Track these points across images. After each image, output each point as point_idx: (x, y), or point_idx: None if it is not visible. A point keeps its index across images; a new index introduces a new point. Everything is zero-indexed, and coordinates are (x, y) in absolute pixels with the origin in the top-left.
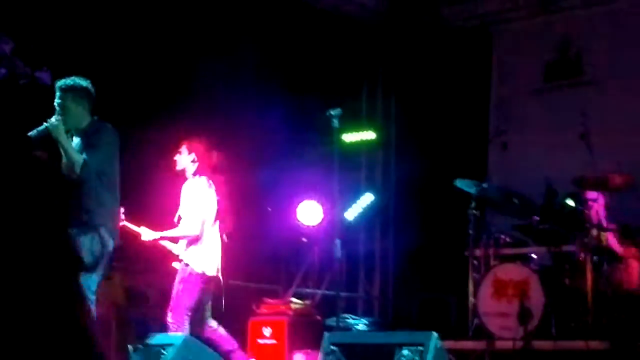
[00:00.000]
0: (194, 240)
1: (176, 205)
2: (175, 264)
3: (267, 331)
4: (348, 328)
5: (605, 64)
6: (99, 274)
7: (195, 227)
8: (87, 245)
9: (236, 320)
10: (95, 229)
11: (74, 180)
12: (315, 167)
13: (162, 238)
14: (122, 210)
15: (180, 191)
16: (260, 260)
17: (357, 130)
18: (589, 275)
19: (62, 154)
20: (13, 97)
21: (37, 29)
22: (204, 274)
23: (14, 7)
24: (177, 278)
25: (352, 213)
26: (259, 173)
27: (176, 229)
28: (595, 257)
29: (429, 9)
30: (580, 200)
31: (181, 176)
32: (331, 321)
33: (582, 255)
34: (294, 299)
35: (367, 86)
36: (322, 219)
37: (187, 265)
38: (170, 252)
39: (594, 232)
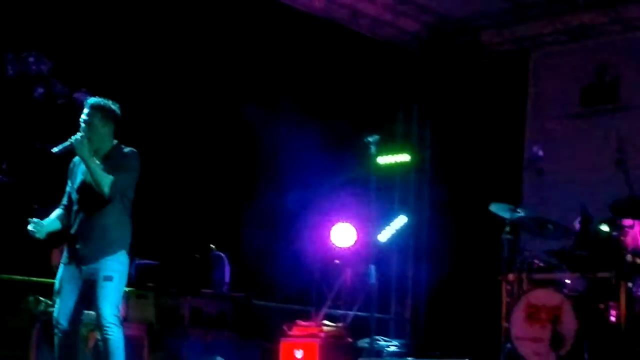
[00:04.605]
0: None
1: None
2: None
3: (299, 353)
4: (380, 350)
5: None
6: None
7: None
8: (112, 266)
9: (268, 341)
10: (117, 250)
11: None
12: (350, 189)
13: None
14: None
15: None
16: (293, 282)
17: (392, 153)
18: (623, 302)
19: (85, 171)
20: (51, 116)
21: (77, 50)
22: None
23: (53, 29)
24: None
25: (385, 235)
26: (294, 195)
27: None
28: (630, 284)
29: (468, 33)
30: (616, 227)
31: None
32: (363, 343)
33: (617, 281)
34: (325, 321)
35: (403, 109)
36: (356, 241)
37: None
38: None
39: (629, 258)
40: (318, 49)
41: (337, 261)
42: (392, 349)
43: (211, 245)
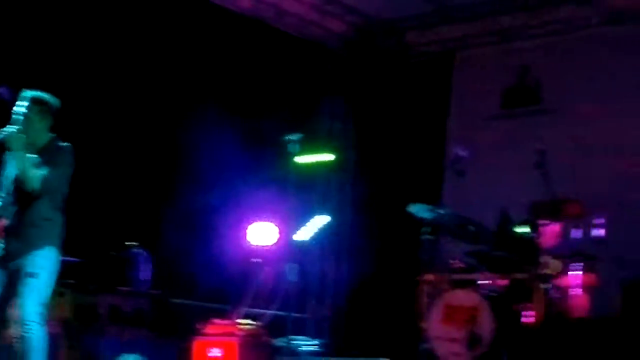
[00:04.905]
0: None
1: None
2: None
3: (215, 351)
4: (298, 350)
5: (562, 93)
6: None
7: None
8: (38, 262)
9: (185, 339)
10: (43, 246)
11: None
12: (272, 188)
13: None
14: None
15: None
16: (212, 280)
17: (315, 152)
18: (539, 303)
19: (17, 166)
20: None
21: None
22: None
23: None
24: None
25: (306, 234)
26: (214, 194)
27: None
28: (546, 285)
29: (393, 34)
30: (535, 228)
31: None
32: (281, 342)
33: (534, 282)
34: (243, 319)
35: (327, 108)
36: (276, 240)
37: None
38: None
39: (547, 259)
40: (242, 47)
41: (256, 260)
42: (311, 348)
43: (131, 243)
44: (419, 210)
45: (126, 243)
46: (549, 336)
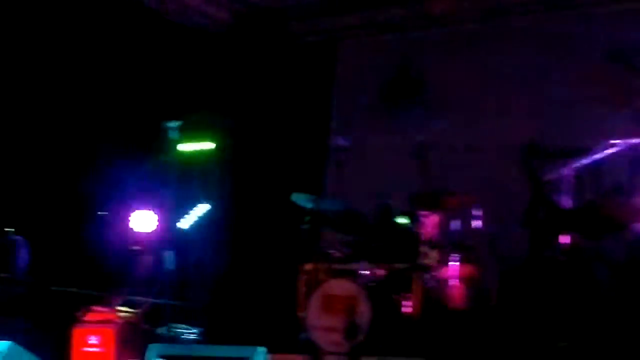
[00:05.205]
0: None
1: None
2: None
3: (94, 339)
4: (177, 338)
5: (443, 86)
6: None
7: None
8: None
9: (64, 327)
10: None
11: None
12: (152, 176)
13: None
14: None
15: None
16: (92, 268)
17: (196, 140)
18: (417, 293)
19: None
20: None
21: None
22: None
23: None
24: None
25: (186, 222)
26: (94, 181)
27: None
28: (425, 275)
29: (276, 23)
30: (414, 219)
31: None
32: (161, 330)
33: (413, 273)
34: (122, 307)
35: (209, 97)
36: (156, 228)
37: None
38: None
39: (426, 250)
40: (121, 32)
41: (136, 247)
42: (190, 336)
43: (8, 229)
44: (300, 199)
45: (3, 229)
46: (427, 326)
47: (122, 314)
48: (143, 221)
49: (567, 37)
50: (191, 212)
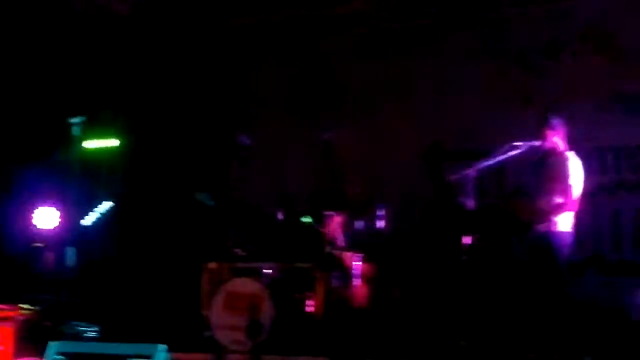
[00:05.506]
0: None
1: None
2: None
3: None
4: (78, 335)
5: (352, 86)
6: None
7: None
8: None
9: None
10: None
11: None
12: (55, 172)
13: None
14: None
15: None
16: None
17: (100, 137)
18: (320, 292)
19: None
20: None
21: None
22: None
23: None
24: None
25: (89, 219)
26: None
27: None
28: (328, 274)
29: (182, 22)
30: (319, 218)
31: None
32: (63, 328)
33: (316, 272)
34: (23, 304)
35: (113, 94)
36: (58, 224)
37: None
38: None
39: (329, 249)
40: (19, 22)
41: (38, 244)
42: (91, 333)
43: None
44: (204, 197)
45: None
46: (330, 325)
47: (22, 311)
48: (45, 218)
49: (470, 41)
50: (94, 209)
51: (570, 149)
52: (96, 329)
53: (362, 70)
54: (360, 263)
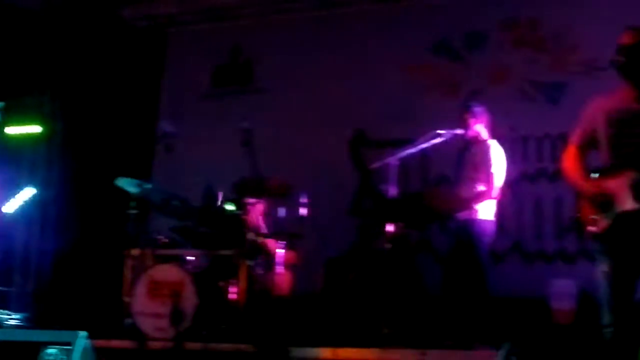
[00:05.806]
0: None
1: None
2: None
3: None
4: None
5: (275, 72)
6: None
7: None
8: None
9: None
10: None
11: None
12: None
13: None
14: None
15: None
16: None
17: (21, 123)
18: (242, 279)
19: None
20: None
21: None
22: None
23: None
24: None
25: (11, 206)
26: None
27: None
28: (251, 262)
29: (107, 6)
30: (241, 206)
31: None
32: None
33: (239, 259)
34: None
35: (35, 78)
36: None
37: None
38: None
39: (251, 236)
40: None
41: None
42: (13, 322)
43: None
44: (126, 184)
45: None
46: (252, 312)
47: None
48: None
49: (395, 27)
50: (16, 196)
51: (493, 138)
52: (18, 316)
53: (285, 57)
54: (282, 250)
